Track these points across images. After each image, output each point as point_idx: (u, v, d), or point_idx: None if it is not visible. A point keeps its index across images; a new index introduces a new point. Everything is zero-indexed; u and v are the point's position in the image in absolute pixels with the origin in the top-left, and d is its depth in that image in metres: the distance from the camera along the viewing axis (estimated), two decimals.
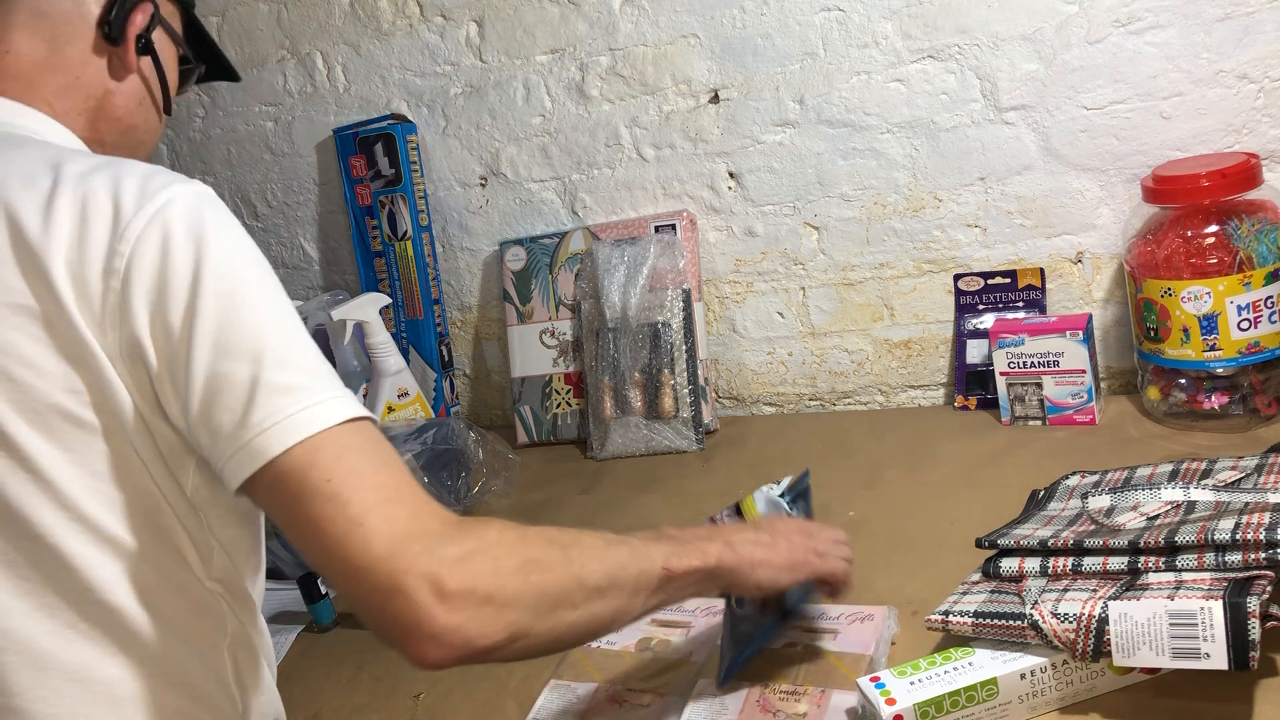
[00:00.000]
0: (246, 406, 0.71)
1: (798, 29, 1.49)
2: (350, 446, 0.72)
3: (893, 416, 1.56)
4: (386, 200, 1.80)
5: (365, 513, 0.69)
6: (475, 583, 0.68)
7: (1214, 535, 0.81)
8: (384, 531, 0.68)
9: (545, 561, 0.74)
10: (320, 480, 0.69)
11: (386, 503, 0.70)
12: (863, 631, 0.96)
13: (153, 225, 0.73)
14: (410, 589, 0.67)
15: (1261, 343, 1.23)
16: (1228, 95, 1.31)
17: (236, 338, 0.72)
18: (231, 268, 0.74)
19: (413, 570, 0.67)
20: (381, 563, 0.67)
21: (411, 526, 0.69)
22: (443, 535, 0.70)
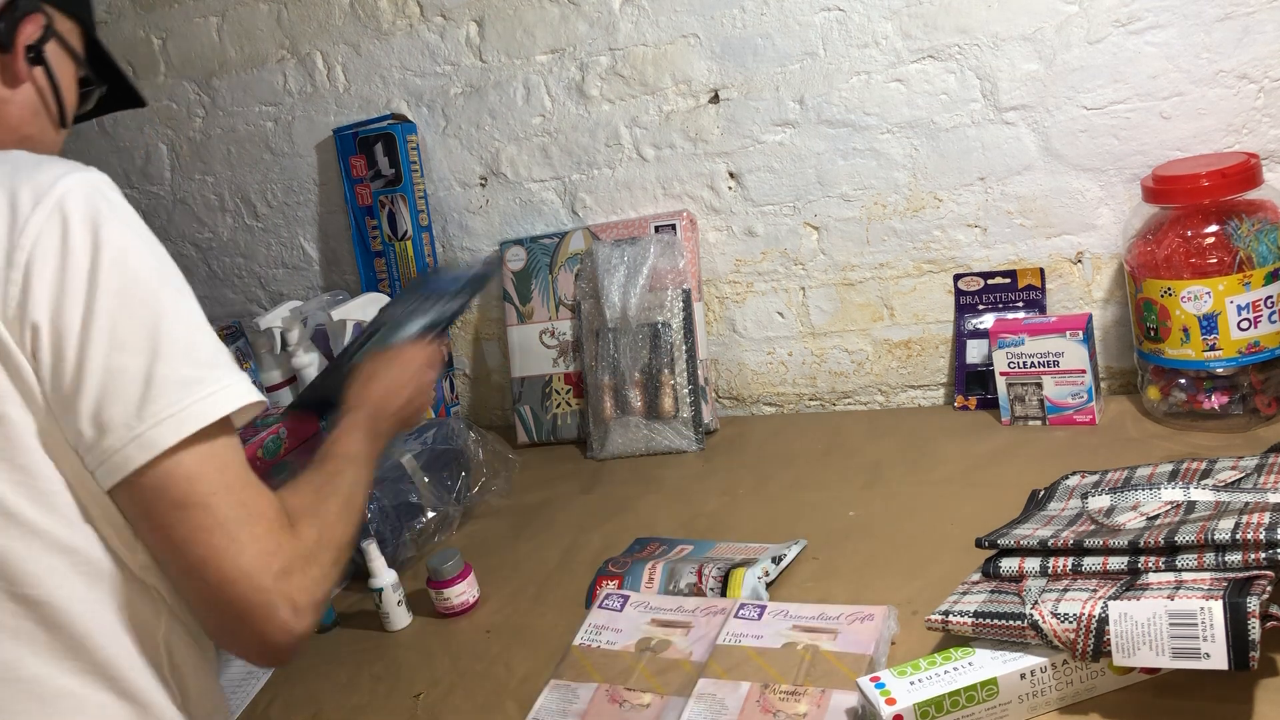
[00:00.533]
0: (140, 399, 0.74)
1: (798, 29, 1.49)
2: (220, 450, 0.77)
3: (893, 416, 1.56)
4: (386, 200, 1.80)
5: (242, 526, 0.76)
6: (316, 593, 0.80)
7: (1214, 535, 0.81)
8: (254, 548, 0.76)
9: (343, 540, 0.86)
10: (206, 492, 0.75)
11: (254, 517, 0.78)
12: (863, 631, 0.96)
13: (51, 218, 0.74)
14: (272, 607, 0.76)
15: (1261, 342, 1.23)
16: (1228, 95, 1.31)
17: (131, 331, 0.74)
18: (127, 260, 0.75)
19: (276, 589, 0.76)
20: (251, 577, 0.76)
21: (270, 544, 0.78)
22: (290, 549, 0.79)
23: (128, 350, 0.74)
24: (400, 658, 1.18)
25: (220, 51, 1.89)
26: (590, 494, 1.50)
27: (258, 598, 0.76)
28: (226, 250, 2.04)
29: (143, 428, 0.73)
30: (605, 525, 1.38)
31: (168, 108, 1.98)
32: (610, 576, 1.19)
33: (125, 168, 2.06)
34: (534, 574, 1.29)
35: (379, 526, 1.32)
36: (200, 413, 0.75)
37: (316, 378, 1.21)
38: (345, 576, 0.92)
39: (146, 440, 0.73)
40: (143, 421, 0.73)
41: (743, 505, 1.36)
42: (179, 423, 0.74)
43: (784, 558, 1.15)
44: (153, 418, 0.73)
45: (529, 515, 1.47)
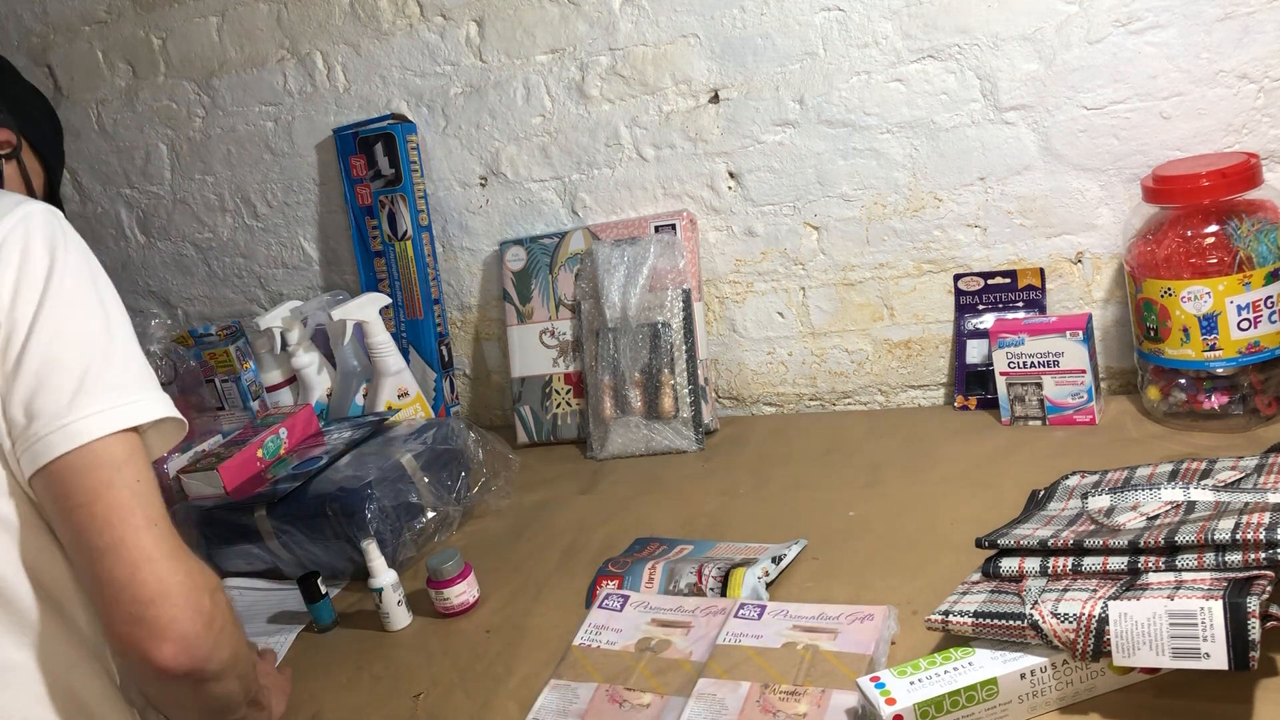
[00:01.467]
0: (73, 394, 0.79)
1: (798, 29, 1.49)
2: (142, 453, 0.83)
3: (893, 416, 1.56)
4: (386, 200, 1.80)
5: (158, 521, 0.80)
6: (217, 610, 0.82)
7: (1214, 535, 0.81)
8: (168, 543, 0.80)
9: (238, 626, 0.87)
10: (117, 469, 0.79)
11: (167, 520, 0.82)
12: (863, 631, 0.96)
13: (15, 232, 0.83)
14: (181, 596, 0.79)
15: (1261, 342, 1.23)
16: (1228, 95, 1.31)
17: (75, 333, 0.82)
18: (79, 276, 0.84)
19: (186, 583, 0.79)
20: (163, 562, 0.79)
21: (180, 548, 0.81)
22: (198, 566, 0.82)
23: (69, 347, 0.81)
24: (400, 658, 1.18)
25: (220, 51, 1.89)
26: (590, 494, 1.50)
27: (168, 584, 0.79)
28: (226, 250, 2.04)
29: (71, 419, 0.79)
30: (605, 525, 1.38)
31: (168, 108, 1.98)
32: (610, 576, 1.19)
33: (125, 168, 2.06)
34: (534, 574, 1.29)
35: (379, 526, 1.32)
36: (127, 415, 0.81)
37: None
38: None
39: (72, 431, 0.78)
40: (71, 413, 0.79)
41: (743, 505, 1.36)
42: (106, 419, 0.79)
43: (784, 558, 1.15)
44: (81, 410, 0.79)
45: (529, 515, 1.47)
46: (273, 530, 1.36)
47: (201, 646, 0.80)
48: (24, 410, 0.79)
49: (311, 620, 1.29)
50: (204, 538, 1.41)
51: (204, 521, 1.40)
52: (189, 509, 1.42)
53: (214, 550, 1.41)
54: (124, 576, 0.78)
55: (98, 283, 0.86)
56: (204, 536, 1.41)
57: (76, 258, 0.85)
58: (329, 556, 1.36)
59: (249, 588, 1.42)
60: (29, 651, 0.82)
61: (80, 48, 2.01)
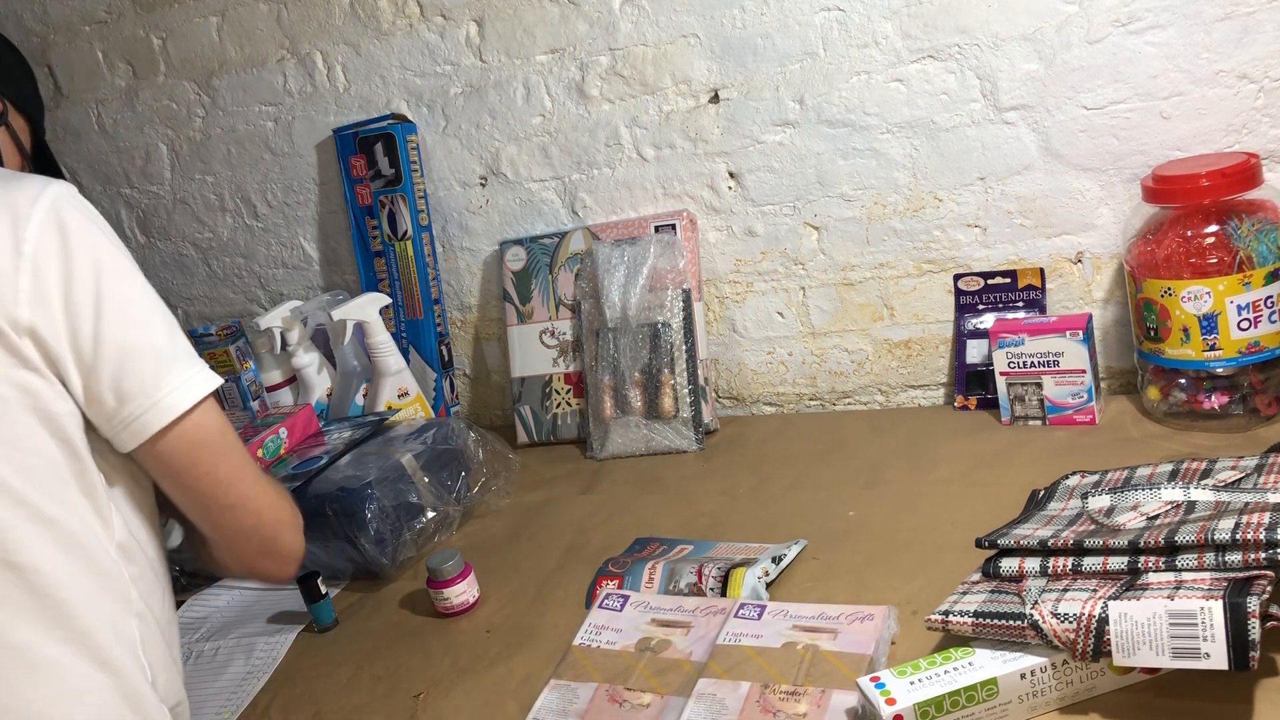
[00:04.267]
0: (155, 372, 0.84)
1: (798, 29, 1.49)
2: (222, 412, 0.91)
3: (893, 416, 1.56)
4: (386, 200, 1.80)
5: (258, 471, 0.94)
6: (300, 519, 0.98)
7: (1214, 535, 0.81)
8: (269, 484, 0.95)
9: None
10: (222, 434, 0.89)
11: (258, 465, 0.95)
12: (863, 631, 0.96)
13: (50, 216, 0.83)
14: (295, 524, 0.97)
15: (1261, 342, 1.23)
16: (1228, 95, 1.31)
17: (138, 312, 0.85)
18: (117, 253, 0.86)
19: (293, 511, 0.97)
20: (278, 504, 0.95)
21: (276, 483, 0.98)
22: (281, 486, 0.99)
23: (139, 327, 0.84)
24: (400, 658, 1.18)
25: (220, 51, 1.89)
26: (590, 494, 1.50)
27: (285, 518, 0.95)
28: (226, 250, 2.04)
29: (160, 395, 0.84)
30: (605, 525, 1.38)
31: (168, 108, 1.98)
32: (610, 576, 1.19)
33: (125, 168, 2.06)
34: (534, 574, 1.29)
35: (379, 526, 1.32)
36: (203, 381, 0.87)
37: None
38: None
39: (165, 406, 0.84)
40: (159, 389, 0.84)
41: (743, 505, 1.36)
42: (189, 390, 0.86)
43: (784, 558, 1.15)
44: (167, 387, 0.84)
45: (529, 515, 1.47)
46: None
47: (303, 552, 0.97)
48: (114, 394, 0.83)
49: (311, 620, 1.29)
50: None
51: None
52: None
53: None
54: (251, 523, 0.92)
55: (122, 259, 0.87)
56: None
57: (111, 242, 0.86)
58: (329, 556, 1.36)
59: (249, 587, 1.42)
60: (65, 647, 0.82)
61: (80, 48, 2.01)
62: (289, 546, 0.96)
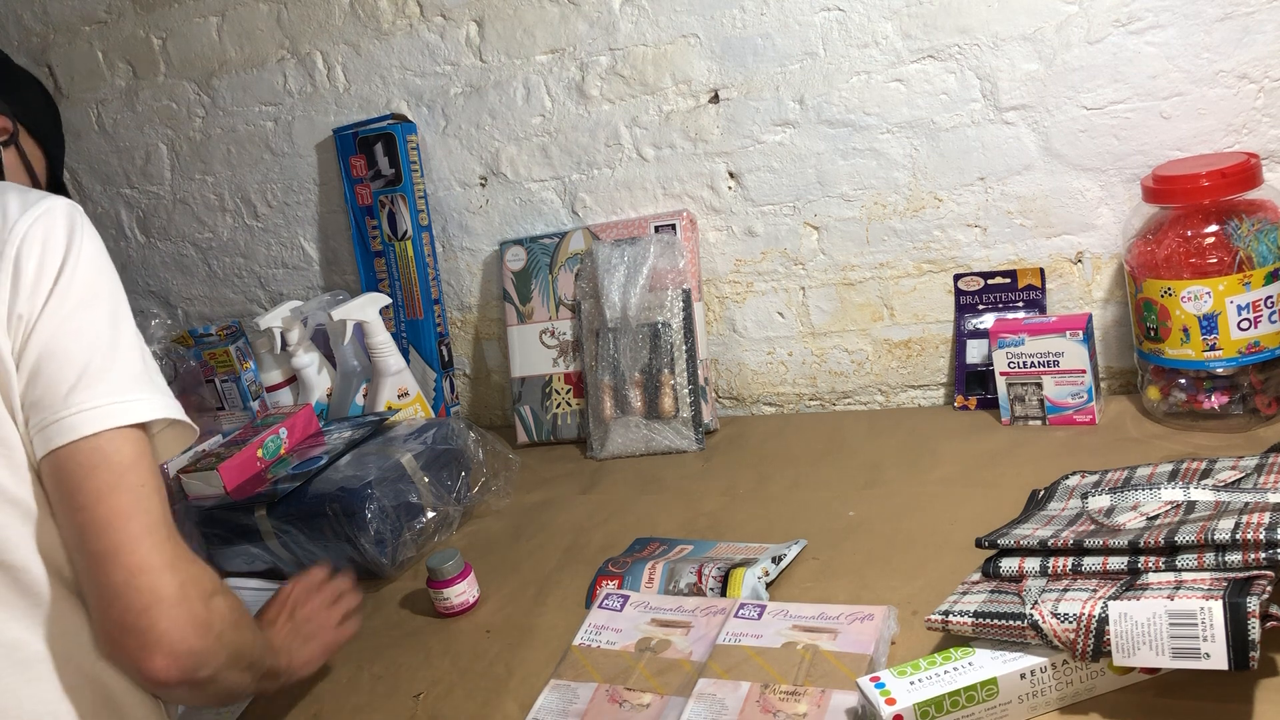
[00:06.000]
0: (71, 386, 0.80)
1: (798, 29, 1.49)
2: (148, 452, 0.83)
3: (893, 416, 1.56)
4: (386, 200, 1.80)
5: (158, 526, 0.80)
6: (214, 618, 0.82)
7: (1214, 535, 0.81)
8: (167, 549, 0.80)
9: (244, 623, 0.89)
10: (122, 473, 0.79)
11: (168, 527, 0.82)
12: (863, 631, 0.96)
13: (37, 224, 0.84)
14: (176, 607, 0.78)
15: (1261, 342, 1.23)
16: (1228, 95, 1.31)
17: (79, 325, 0.82)
18: (89, 271, 0.84)
19: (182, 592, 0.79)
20: (160, 572, 0.78)
21: (182, 554, 0.82)
22: (199, 571, 0.83)
23: (72, 339, 0.81)
24: (400, 658, 1.18)
25: (220, 51, 1.89)
26: (590, 494, 1.50)
27: (162, 593, 0.78)
28: (226, 250, 2.04)
29: (67, 412, 0.79)
30: (605, 525, 1.38)
31: (168, 108, 1.98)
32: (610, 576, 1.19)
33: (125, 168, 2.06)
34: (534, 574, 1.29)
35: (379, 526, 1.32)
36: (126, 412, 0.81)
37: None
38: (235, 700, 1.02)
39: (68, 424, 0.79)
40: (68, 406, 0.79)
41: (743, 505, 1.36)
42: (103, 414, 0.80)
43: (784, 558, 1.15)
44: (79, 404, 0.79)
45: (529, 515, 1.47)
46: (273, 530, 1.36)
47: (193, 656, 0.79)
48: (28, 399, 0.81)
49: None
50: (204, 538, 1.41)
51: (204, 521, 1.40)
52: (189, 509, 1.42)
53: (214, 550, 1.41)
54: (118, 583, 0.78)
55: (109, 281, 0.87)
56: (204, 536, 1.40)
57: (91, 253, 0.86)
58: (329, 556, 1.36)
59: (249, 588, 1.42)
60: (54, 643, 0.81)
61: (80, 48, 2.01)
62: (160, 633, 0.77)
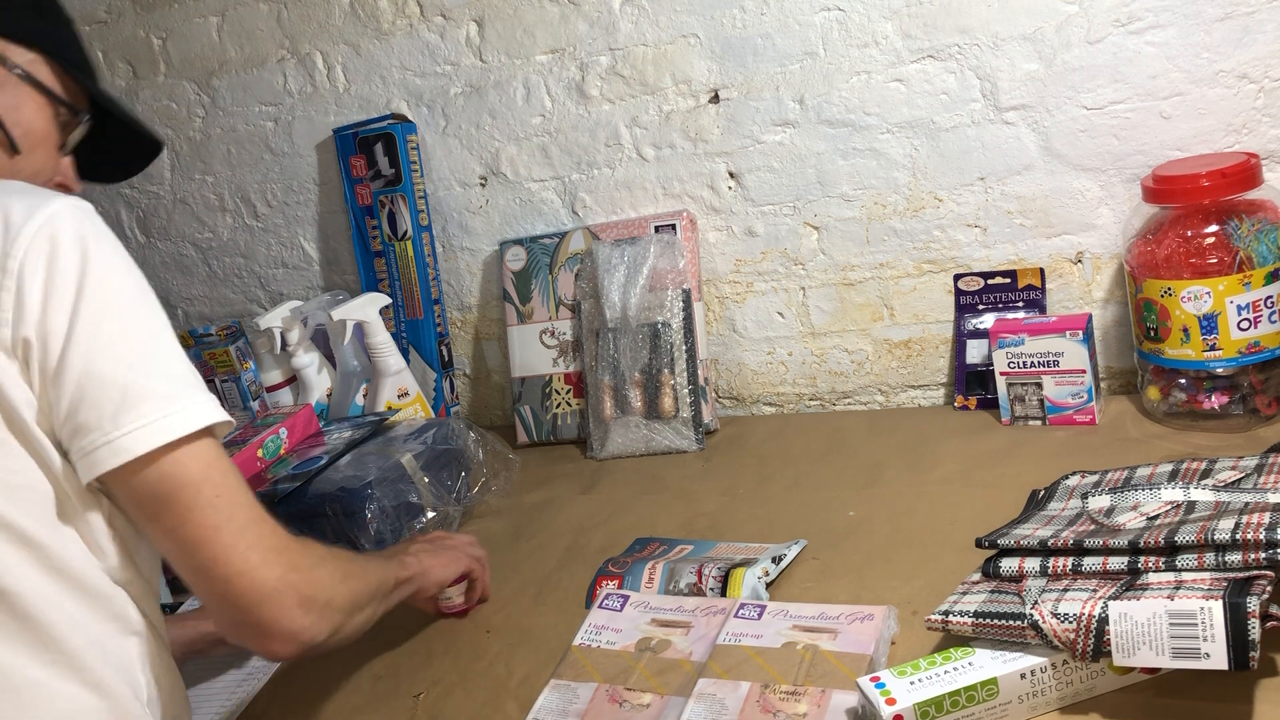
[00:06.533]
0: (116, 407, 0.77)
1: (798, 29, 1.49)
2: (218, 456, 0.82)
3: (893, 416, 1.56)
4: (386, 200, 1.80)
5: (245, 531, 0.81)
6: (319, 590, 0.85)
7: (1214, 535, 0.81)
8: (259, 546, 0.82)
9: (354, 573, 0.93)
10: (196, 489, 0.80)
11: (257, 520, 0.83)
12: (863, 631, 0.96)
13: (41, 233, 0.79)
14: (278, 596, 0.82)
15: (1261, 343, 1.23)
16: (1228, 95, 1.31)
17: (111, 342, 0.79)
18: (111, 277, 0.80)
19: (281, 580, 0.82)
20: (254, 572, 0.81)
21: (274, 541, 0.83)
22: (295, 549, 0.85)
23: (107, 358, 0.78)
24: (400, 658, 1.18)
25: (220, 51, 1.89)
26: (590, 494, 1.50)
27: (265, 589, 0.81)
28: (226, 250, 2.04)
29: (117, 434, 0.77)
30: (605, 525, 1.38)
31: (168, 108, 1.98)
32: (610, 576, 1.19)
33: None
34: (534, 574, 1.29)
35: (379, 526, 1.32)
36: (172, 425, 0.79)
37: None
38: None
39: (119, 446, 0.77)
40: (118, 428, 0.77)
41: (743, 505, 1.36)
42: (151, 433, 0.78)
43: (784, 558, 1.15)
44: (127, 425, 0.77)
45: (529, 515, 1.46)
46: None
47: (307, 632, 0.84)
48: (70, 423, 0.78)
49: None
50: None
51: None
52: None
53: None
54: (220, 591, 0.81)
55: (133, 284, 0.82)
56: None
57: (108, 259, 0.81)
58: None
59: None
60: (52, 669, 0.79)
61: None
62: (272, 622, 0.82)
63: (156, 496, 0.79)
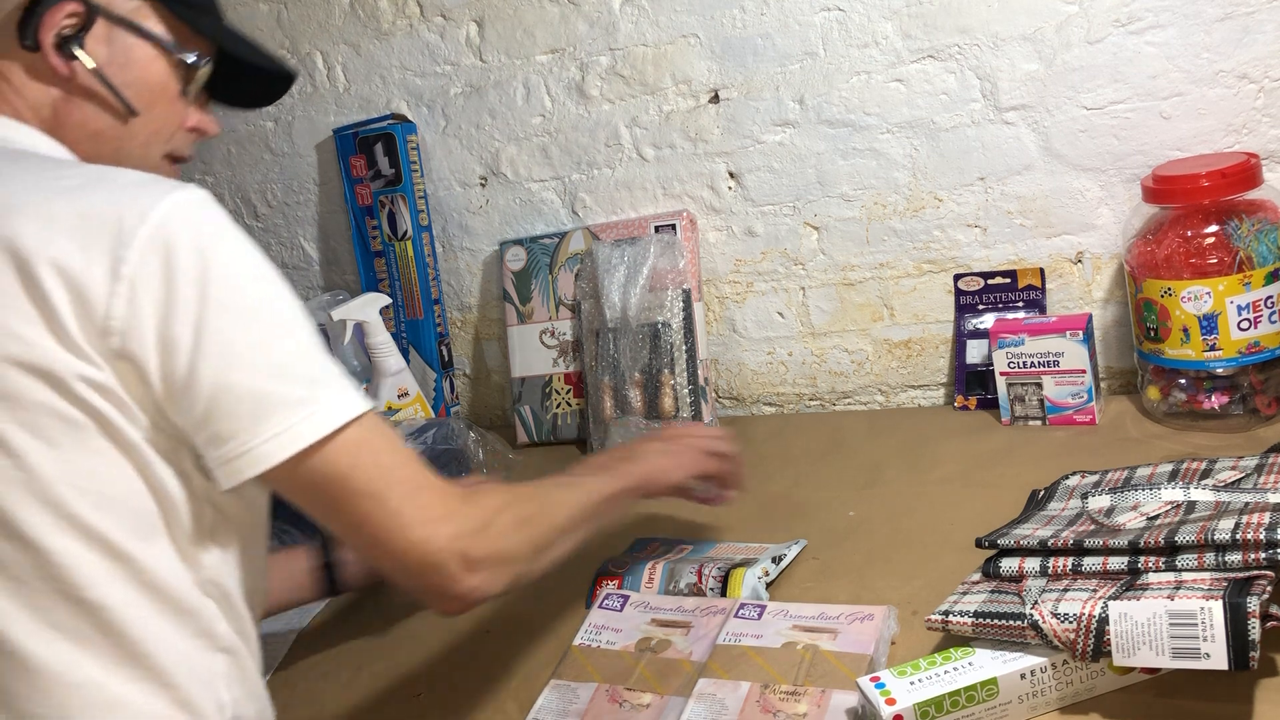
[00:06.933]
0: (252, 417, 0.75)
1: (798, 29, 1.49)
2: (363, 443, 0.79)
3: (893, 416, 1.56)
4: (386, 200, 1.80)
5: (401, 506, 0.79)
6: (490, 548, 0.83)
7: (1214, 535, 0.81)
8: (418, 518, 0.80)
9: (533, 517, 0.89)
10: (345, 480, 0.78)
11: (415, 491, 0.80)
12: (863, 631, 0.96)
13: (156, 236, 0.74)
14: (444, 563, 0.80)
15: (1261, 343, 1.23)
16: (1228, 95, 1.31)
17: (240, 351, 0.75)
18: (233, 279, 0.76)
19: (446, 549, 0.80)
20: (419, 545, 0.79)
21: (438, 509, 0.81)
22: (461, 513, 0.82)
23: (237, 368, 0.75)
24: (400, 658, 1.18)
25: None
26: None
27: (429, 560, 0.80)
28: None
29: (255, 443, 0.75)
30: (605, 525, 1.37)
31: None
32: (610, 576, 1.19)
33: None
34: None
35: None
36: (308, 430, 0.76)
37: None
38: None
39: (257, 455, 0.75)
40: (255, 437, 0.75)
41: (743, 505, 1.35)
42: (290, 438, 0.75)
43: (784, 558, 1.15)
44: (264, 434, 0.75)
45: None
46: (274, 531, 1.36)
47: (478, 592, 0.82)
48: (204, 434, 0.76)
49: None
50: None
51: None
52: None
53: None
54: (393, 567, 0.81)
55: (257, 281, 0.78)
56: None
57: (228, 258, 0.77)
58: None
59: None
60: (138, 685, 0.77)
61: None
62: (442, 587, 0.82)
63: (306, 493, 0.79)
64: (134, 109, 0.90)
